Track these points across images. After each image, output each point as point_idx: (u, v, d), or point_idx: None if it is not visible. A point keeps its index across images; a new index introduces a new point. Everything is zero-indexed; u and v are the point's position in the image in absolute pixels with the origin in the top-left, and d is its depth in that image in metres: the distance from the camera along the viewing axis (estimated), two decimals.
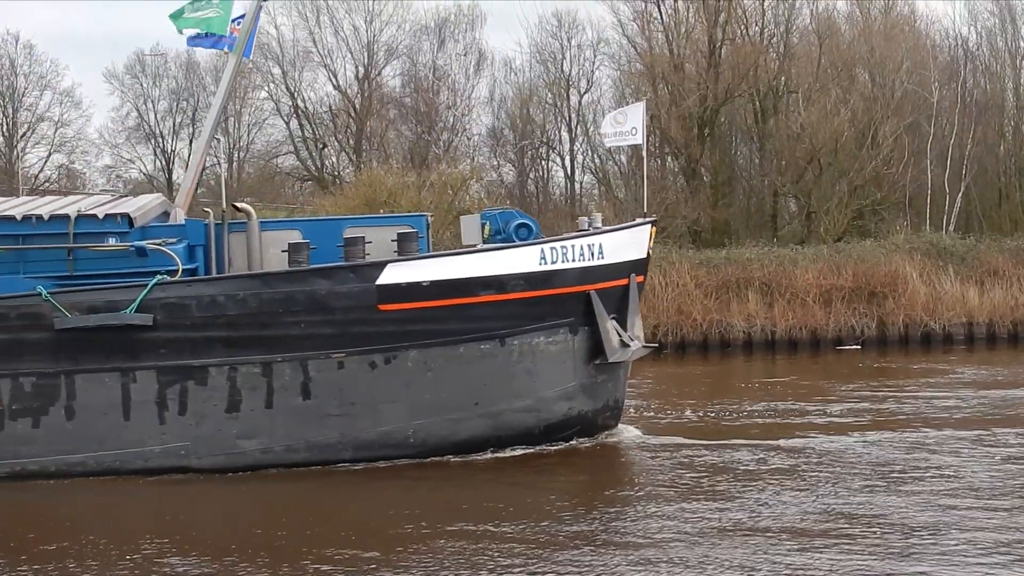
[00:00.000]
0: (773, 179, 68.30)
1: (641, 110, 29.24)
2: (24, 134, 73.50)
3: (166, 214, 27.45)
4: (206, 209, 27.91)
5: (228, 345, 24.26)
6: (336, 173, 74.88)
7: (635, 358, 27.67)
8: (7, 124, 72.95)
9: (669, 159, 73.03)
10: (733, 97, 68.67)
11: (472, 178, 67.22)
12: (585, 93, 75.18)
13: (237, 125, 77.17)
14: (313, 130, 76.04)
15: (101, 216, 25.37)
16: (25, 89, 73.83)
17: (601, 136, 29.32)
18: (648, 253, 27.38)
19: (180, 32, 28.51)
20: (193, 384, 24.28)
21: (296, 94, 75.38)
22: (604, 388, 26.91)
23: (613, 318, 26.27)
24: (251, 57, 27.94)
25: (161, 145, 77.37)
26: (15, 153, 72.45)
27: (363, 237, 25.14)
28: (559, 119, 75.35)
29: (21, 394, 24.11)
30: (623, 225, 27.28)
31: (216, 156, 68.22)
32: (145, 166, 78.02)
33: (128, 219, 25.38)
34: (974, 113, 67.70)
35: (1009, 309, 53.18)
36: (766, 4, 70.84)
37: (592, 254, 25.86)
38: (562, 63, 75.37)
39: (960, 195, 66.05)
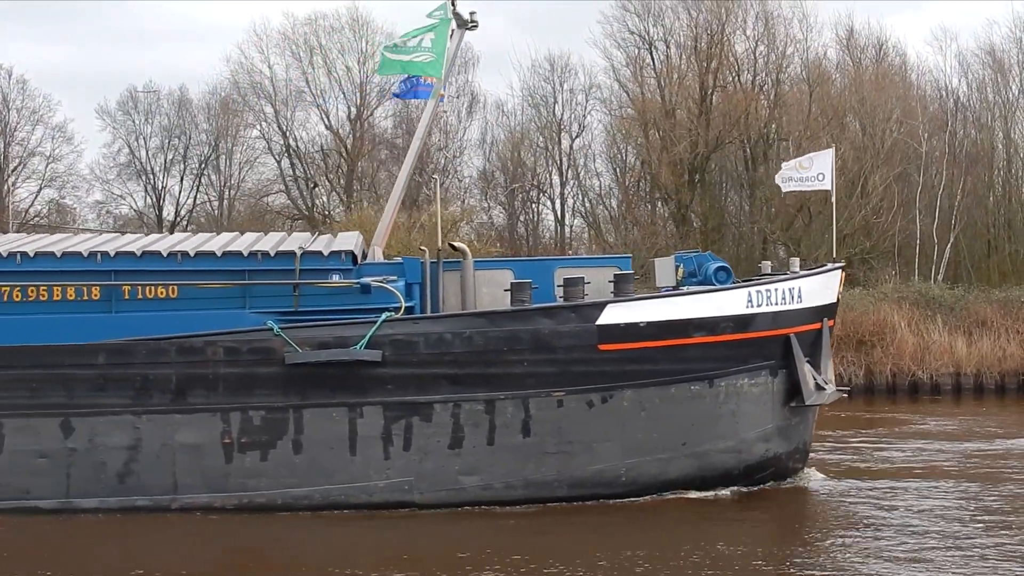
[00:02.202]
0: (763, 226, 68.27)
1: (830, 157, 29.51)
2: (15, 168, 73.47)
3: (363, 253, 27.84)
4: (422, 247, 28.52)
5: (453, 382, 24.66)
6: (327, 213, 74.92)
7: (829, 402, 27.92)
8: None
9: (659, 204, 73.04)
10: (724, 144, 68.98)
11: (463, 220, 67.37)
12: (576, 137, 75.37)
13: (228, 163, 77.28)
14: (304, 169, 76.23)
15: (326, 253, 25.81)
16: (17, 124, 73.90)
17: (782, 180, 29.45)
18: (838, 298, 27.78)
19: (382, 75, 28.70)
20: (418, 420, 24.67)
21: (288, 133, 75.69)
22: (796, 431, 27.28)
23: (807, 361, 26.51)
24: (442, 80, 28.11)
25: (152, 182, 77.33)
26: (6, 187, 72.35)
27: (582, 278, 25.57)
28: (550, 162, 75.51)
29: (250, 427, 24.55)
30: (818, 270, 27.63)
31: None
32: (136, 202, 78.14)
33: (352, 256, 26.00)
34: (964, 164, 67.90)
35: (997, 360, 53.04)
36: (757, 52, 71.26)
37: (792, 298, 26.34)
38: (554, 107, 75.64)
39: (949, 245, 66.07)
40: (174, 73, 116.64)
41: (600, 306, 24.95)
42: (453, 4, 28.22)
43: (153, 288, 25.38)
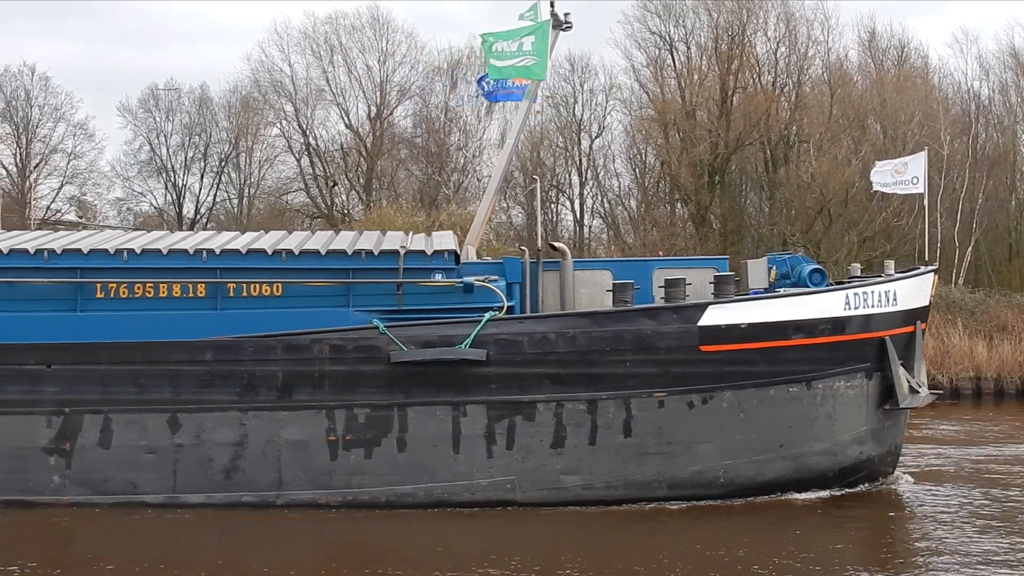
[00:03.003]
0: (783, 228, 68.31)
1: (923, 160, 30.07)
2: (37, 165, 73.38)
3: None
4: (522, 248, 28.91)
5: (556, 382, 24.86)
6: (346, 211, 74.91)
7: (923, 405, 28.18)
8: (20, 155, 72.86)
9: (679, 205, 73.16)
10: (744, 145, 68.98)
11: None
12: (596, 137, 75.40)
13: (248, 161, 77.30)
14: (324, 168, 76.14)
15: (429, 252, 26.07)
16: (39, 120, 73.86)
17: (876, 183, 29.73)
18: (930, 301, 27.96)
19: (490, 82, 28.82)
20: (521, 419, 24.87)
21: (308, 132, 75.59)
22: (889, 433, 27.47)
23: (901, 364, 26.67)
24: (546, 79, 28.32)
25: (172, 179, 77.37)
26: (28, 184, 72.32)
27: (684, 279, 25.78)
28: (569, 163, 75.50)
29: (355, 425, 24.78)
30: (912, 272, 27.72)
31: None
32: (156, 200, 78.12)
33: (455, 256, 26.25)
34: (985, 167, 68.00)
35: (1018, 364, 53.24)
36: (778, 53, 71.34)
37: (887, 300, 26.51)
38: (574, 107, 75.58)
39: (970, 249, 66.34)
40: (193, 72, 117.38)
41: (702, 307, 25.16)
42: (552, 6, 28.39)
43: (257, 286, 25.50)
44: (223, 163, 77.65)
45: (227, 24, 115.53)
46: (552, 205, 77.27)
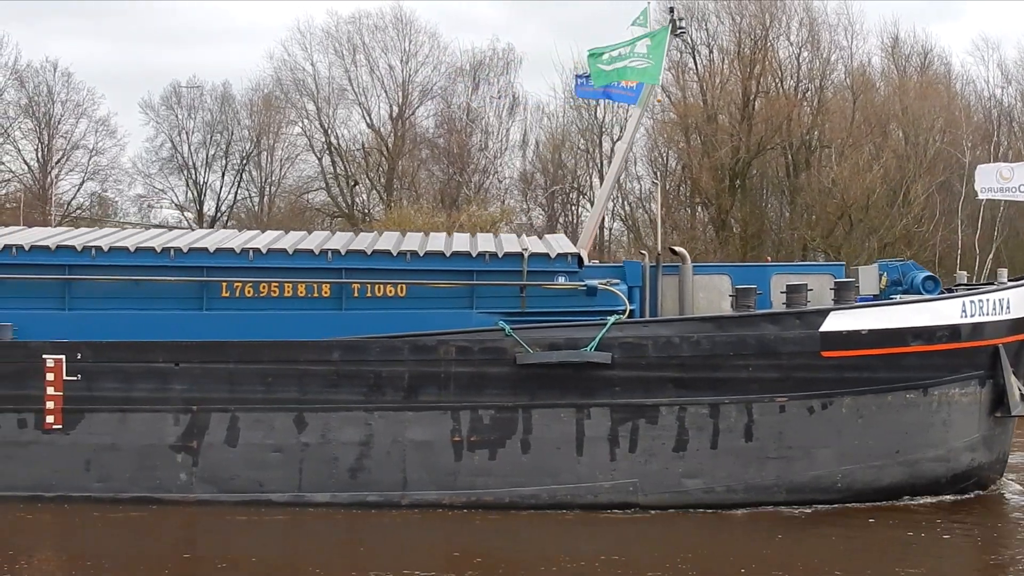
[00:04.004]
0: (803, 233, 68.60)
1: None
2: (59, 161, 73.35)
3: None
4: (642, 251, 28.35)
5: (679, 386, 24.92)
6: (366, 211, 75.06)
7: None
8: (42, 151, 72.77)
9: (699, 209, 73.41)
10: (765, 150, 69.21)
11: (502, 221, 67.60)
12: (618, 140, 74.57)
13: (270, 159, 77.35)
14: (345, 167, 76.27)
15: (553, 255, 26.16)
16: (61, 117, 73.86)
17: (980, 189, 29.80)
18: None
19: (599, 87, 28.90)
20: (644, 422, 24.92)
21: (329, 131, 75.81)
22: (999, 440, 27.61)
23: (1012, 371, 26.87)
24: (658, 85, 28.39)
25: (193, 176, 77.42)
26: (49, 179, 72.23)
27: (806, 284, 25.87)
28: (591, 165, 75.74)
29: (480, 426, 24.85)
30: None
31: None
32: (177, 197, 78.14)
33: (578, 259, 26.29)
34: None
35: None
36: (801, 58, 71.62)
37: (1001, 308, 26.59)
38: (596, 109, 75.58)
39: (991, 256, 66.47)
40: (216, 70, 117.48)
41: (823, 313, 25.29)
42: (671, 12, 28.60)
43: (382, 286, 25.64)
44: (244, 161, 77.79)
45: (250, 24, 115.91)
46: (573, 207, 77.59)
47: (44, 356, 24.54)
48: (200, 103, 77.97)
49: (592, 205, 75.63)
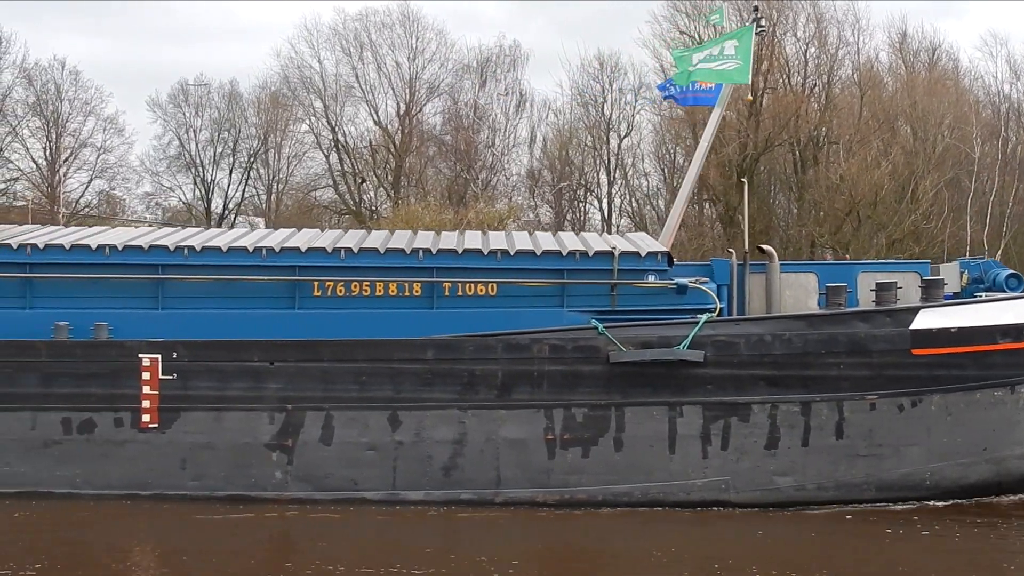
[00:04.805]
0: (811, 229, 68.69)
1: None
2: (67, 159, 73.00)
3: None
4: (730, 250, 29.26)
5: (770, 383, 25.05)
6: (374, 208, 74.93)
7: None
8: (51, 149, 72.44)
9: (707, 206, 73.50)
10: (773, 146, 69.22)
11: (509, 218, 67.56)
12: (625, 137, 75.57)
13: (277, 157, 77.22)
14: (352, 164, 76.10)
15: (643, 254, 26.22)
16: (69, 115, 73.41)
17: None
18: None
19: (676, 86, 28.79)
20: (736, 420, 25.05)
21: (337, 128, 75.61)
22: None
23: None
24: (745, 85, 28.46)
25: (201, 174, 77.14)
26: (57, 177, 71.93)
27: (895, 282, 25.92)
28: (598, 162, 75.71)
29: (573, 424, 24.92)
30: None
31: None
32: (184, 194, 77.94)
33: (668, 257, 26.38)
34: (1016, 170, 68.59)
35: None
36: (808, 54, 71.71)
37: None
38: (603, 106, 75.75)
39: (999, 253, 66.56)
40: (223, 68, 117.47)
41: (914, 311, 25.42)
42: (756, 11, 28.68)
43: (472, 285, 25.67)
44: (252, 159, 77.60)
45: (256, 21, 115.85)
46: (580, 204, 77.58)
47: (140, 355, 24.57)
48: (207, 101, 77.89)
49: (599, 202, 76.17)
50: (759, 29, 29.21)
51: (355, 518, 23.78)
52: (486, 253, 26.00)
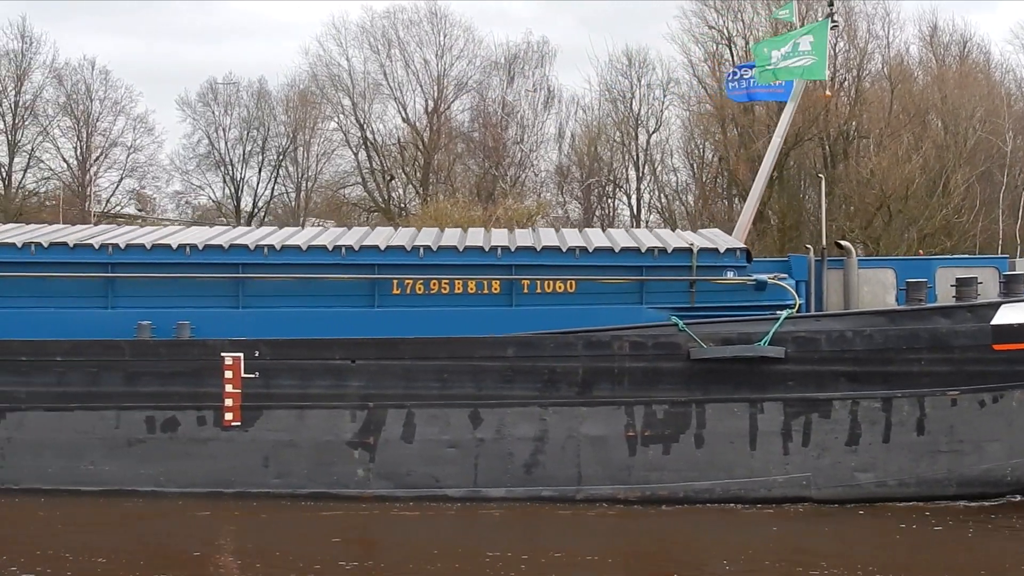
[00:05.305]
0: (841, 224, 68.41)
1: None
2: (97, 158, 73.19)
3: None
4: (807, 246, 29.11)
5: (851, 380, 24.96)
6: (403, 205, 74.92)
7: None
8: (81, 148, 72.62)
9: (736, 201, 73.35)
10: (803, 141, 68.94)
11: (538, 214, 67.52)
12: (654, 132, 75.48)
13: (306, 155, 77.23)
14: (381, 162, 76.03)
15: (722, 250, 26.22)
16: (99, 114, 73.66)
17: None
18: None
19: (768, 85, 28.77)
20: (817, 416, 24.95)
21: (365, 126, 75.51)
22: None
23: None
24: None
25: (231, 173, 77.18)
26: (88, 177, 72.09)
27: (975, 277, 25.80)
28: (627, 157, 75.60)
29: (654, 421, 24.88)
30: None
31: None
32: (214, 193, 78.00)
33: (746, 253, 26.39)
34: None
35: None
36: (838, 48, 71.37)
37: None
38: (631, 102, 75.62)
39: None
40: (251, 66, 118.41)
41: (995, 306, 25.30)
42: (830, 5, 28.64)
43: (551, 282, 25.64)
44: (281, 157, 77.66)
45: (284, 20, 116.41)
46: (609, 200, 77.53)
47: (223, 354, 24.57)
48: (236, 99, 77.99)
49: (628, 198, 76.12)
50: (833, 24, 29.03)
51: (436, 515, 23.82)
52: (565, 250, 26.00)
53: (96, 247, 25.83)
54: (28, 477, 24.73)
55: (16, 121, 70.10)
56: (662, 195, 76.19)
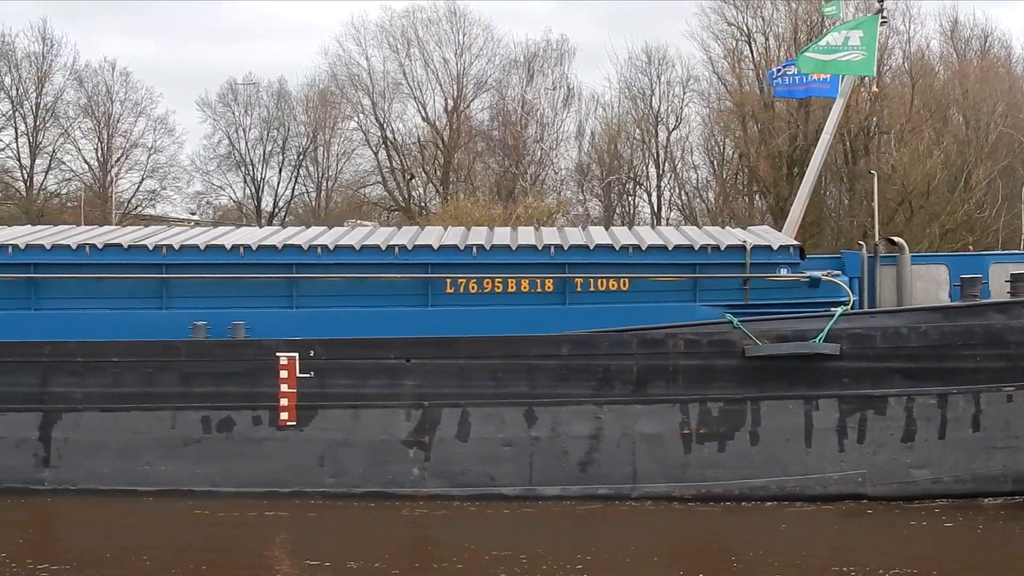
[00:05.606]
0: (863, 220, 68.23)
1: None
2: (118, 159, 73.55)
3: None
4: (860, 242, 28.95)
5: (907, 376, 24.80)
6: (423, 204, 75.07)
7: None
8: (102, 149, 72.90)
9: (757, 198, 73.33)
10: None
11: (558, 212, 67.54)
12: (674, 130, 75.62)
13: (326, 155, 77.40)
14: (401, 161, 76.26)
15: (775, 247, 26.19)
16: (120, 115, 74.20)
17: None
18: None
19: (793, 76, 28.69)
20: (872, 413, 24.81)
21: (385, 125, 75.83)
22: None
23: None
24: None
25: (251, 173, 77.56)
26: (109, 178, 72.26)
27: None
28: (647, 155, 75.69)
29: (708, 419, 24.76)
30: None
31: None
32: (235, 193, 78.25)
33: (800, 250, 26.34)
34: None
35: None
36: None
37: None
38: (651, 99, 75.73)
39: None
40: (271, 67, 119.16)
41: None
42: (880, 0, 28.54)
43: (604, 280, 25.61)
44: (301, 157, 78.03)
45: (303, 21, 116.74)
46: (629, 197, 77.56)
47: (278, 354, 24.54)
48: (256, 100, 78.56)
49: (648, 195, 76.07)
50: (883, 20, 28.95)
51: (491, 513, 23.74)
52: (618, 248, 25.94)
53: (150, 248, 25.83)
54: (84, 478, 24.69)
55: (38, 123, 70.56)
56: (682, 192, 76.44)
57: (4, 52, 70.21)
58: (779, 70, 31.60)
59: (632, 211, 77.28)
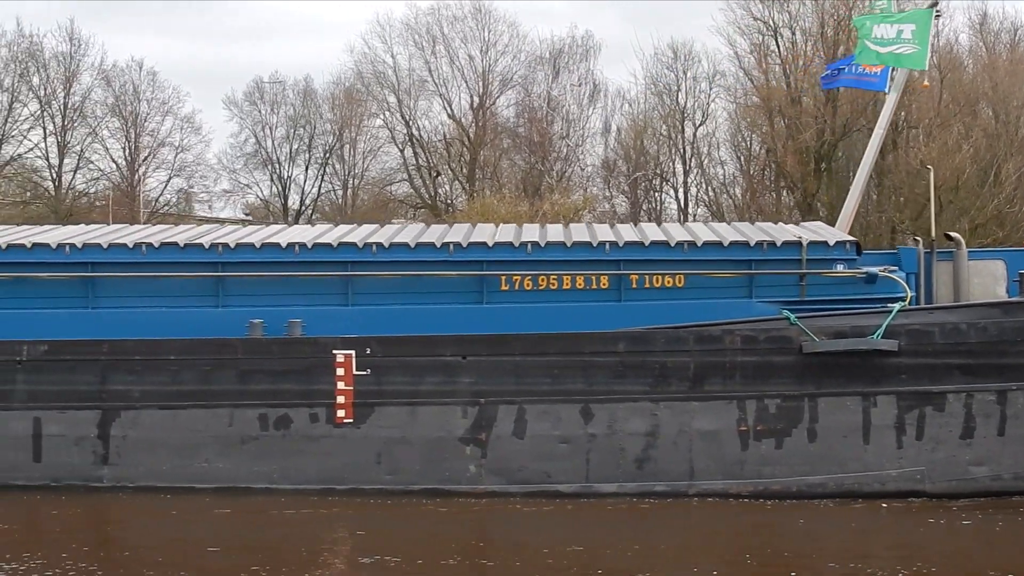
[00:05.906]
0: (891, 215, 68.16)
1: None
2: (145, 158, 73.91)
3: None
4: (916, 237, 28.75)
5: (965, 372, 24.64)
6: (449, 201, 75.10)
7: None
8: (130, 148, 73.23)
9: (784, 193, 73.10)
10: (851, 132, 68.63)
11: (584, 208, 67.45)
12: (700, 125, 75.41)
13: (352, 152, 77.47)
14: (427, 158, 76.27)
15: (831, 243, 26.12)
16: (147, 115, 74.46)
17: None
18: None
19: (846, 67, 28.71)
20: (931, 410, 24.67)
21: (411, 122, 75.85)
22: None
23: None
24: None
25: (278, 171, 77.66)
26: (136, 177, 72.47)
27: None
28: (673, 151, 75.54)
29: (766, 415, 24.69)
30: None
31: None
32: (262, 191, 78.45)
33: (856, 246, 26.35)
34: None
35: None
36: None
37: None
38: (677, 95, 75.51)
39: None
40: (297, 65, 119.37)
41: None
42: None
43: (660, 277, 25.57)
44: (327, 155, 78.09)
45: (329, 19, 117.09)
46: (656, 194, 77.44)
47: (334, 351, 24.52)
48: (283, 98, 78.68)
49: (675, 191, 75.95)
50: (937, 13, 28.83)
51: (549, 511, 23.69)
52: (673, 245, 25.91)
53: (206, 247, 25.92)
54: (143, 475, 24.79)
55: (66, 123, 70.81)
56: (709, 188, 76.16)
57: (32, 52, 70.57)
58: (837, 68, 31.47)
59: (659, 207, 77.19)
